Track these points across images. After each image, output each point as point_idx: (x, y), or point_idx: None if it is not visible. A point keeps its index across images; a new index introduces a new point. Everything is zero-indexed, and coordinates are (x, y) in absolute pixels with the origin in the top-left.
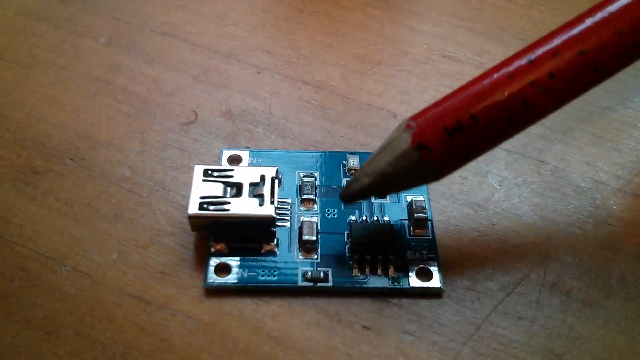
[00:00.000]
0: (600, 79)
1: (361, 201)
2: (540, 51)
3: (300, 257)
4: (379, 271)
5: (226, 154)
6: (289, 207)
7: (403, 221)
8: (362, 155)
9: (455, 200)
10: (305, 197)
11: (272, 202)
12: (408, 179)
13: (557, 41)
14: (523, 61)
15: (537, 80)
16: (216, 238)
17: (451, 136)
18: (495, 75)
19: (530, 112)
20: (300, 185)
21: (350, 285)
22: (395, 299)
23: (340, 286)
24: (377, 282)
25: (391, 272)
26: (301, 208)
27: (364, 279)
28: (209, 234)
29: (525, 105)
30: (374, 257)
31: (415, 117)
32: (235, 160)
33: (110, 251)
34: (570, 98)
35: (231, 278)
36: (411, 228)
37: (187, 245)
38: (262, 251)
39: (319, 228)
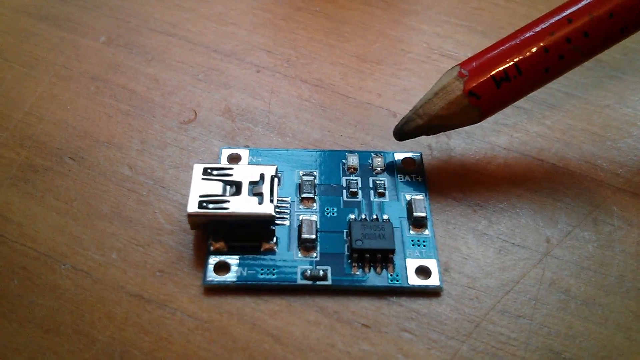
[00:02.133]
0: (623, 38)
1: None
2: (576, 9)
3: (299, 255)
4: (378, 269)
5: (225, 152)
6: (288, 205)
7: (402, 220)
8: (361, 154)
9: (454, 199)
10: (304, 195)
11: (271, 201)
12: (457, 120)
13: (591, 1)
14: (562, 19)
15: (573, 37)
16: (215, 236)
17: (498, 85)
18: (536, 30)
19: (564, 65)
20: (299, 184)
21: (349, 283)
22: (395, 297)
23: (339, 284)
24: (376, 280)
25: (390, 270)
26: (300, 207)
27: (363, 277)
28: (208, 232)
29: (562, 59)
30: (373, 256)
31: (465, 65)
32: (234, 158)
33: (110, 250)
34: (595, 53)
35: (230, 276)
36: (410, 226)
37: (187, 244)
38: (262, 250)
39: (318, 227)
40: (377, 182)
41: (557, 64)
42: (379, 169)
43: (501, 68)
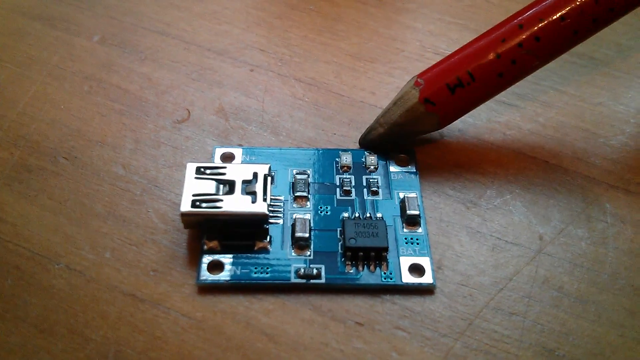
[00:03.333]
0: (579, 41)
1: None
2: (528, 16)
3: (293, 254)
4: (371, 268)
5: (219, 151)
6: (281, 204)
7: (396, 218)
8: (355, 153)
9: (447, 197)
10: (298, 194)
11: (264, 200)
12: (416, 128)
13: (542, 7)
14: (514, 26)
15: (525, 42)
16: (209, 235)
17: (452, 92)
18: (489, 38)
19: (518, 69)
20: (293, 183)
21: (343, 282)
22: (388, 296)
23: (333, 283)
24: (369, 278)
25: (384, 268)
26: (294, 205)
27: (357, 275)
28: (202, 231)
29: (514, 63)
30: (366, 254)
31: (422, 75)
32: (228, 157)
33: (104, 249)
34: (553, 57)
35: (224, 275)
36: (404, 225)
37: (180, 243)
38: (255, 248)
39: (311, 225)
40: (371, 180)
41: (510, 68)
42: (372, 167)
43: (454, 75)
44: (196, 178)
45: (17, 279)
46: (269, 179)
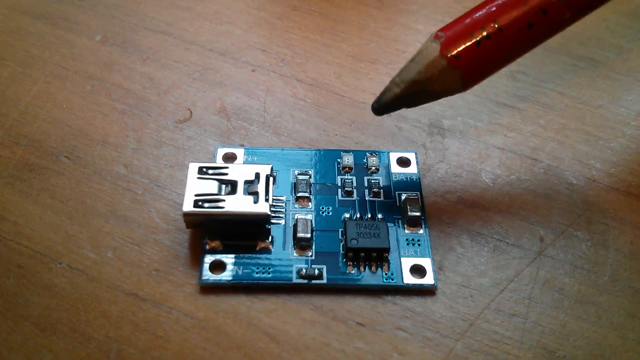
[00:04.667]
0: None
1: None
2: None
3: (294, 254)
4: (373, 268)
5: (221, 151)
6: (283, 204)
7: (397, 218)
8: (356, 153)
9: (448, 198)
10: (299, 194)
11: (266, 200)
12: (437, 87)
13: None
14: None
15: None
16: (211, 235)
17: (478, 44)
18: None
19: (549, 20)
20: (294, 183)
21: (344, 282)
22: (389, 296)
23: (334, 283)
24: (371, 279)
25: (385, 269)
26: (296, 206)
27: (358, 276)
28: (204, 231)
29: (545, 14)
30: (368, 255)
31: (443, 29)
32: (230, 158)
33: (105, 248)
34: (585, 10)
35: (226, 275)
36: (405, 226)
37: (182, 243)
38: (257, 248)
39: (313, 225)
40: (372, 181)
41: (540, 18)
42: (373, 168)
43: (479, 26)
44: (198, 178)
45: (19, 278)
46: (271, 179)
